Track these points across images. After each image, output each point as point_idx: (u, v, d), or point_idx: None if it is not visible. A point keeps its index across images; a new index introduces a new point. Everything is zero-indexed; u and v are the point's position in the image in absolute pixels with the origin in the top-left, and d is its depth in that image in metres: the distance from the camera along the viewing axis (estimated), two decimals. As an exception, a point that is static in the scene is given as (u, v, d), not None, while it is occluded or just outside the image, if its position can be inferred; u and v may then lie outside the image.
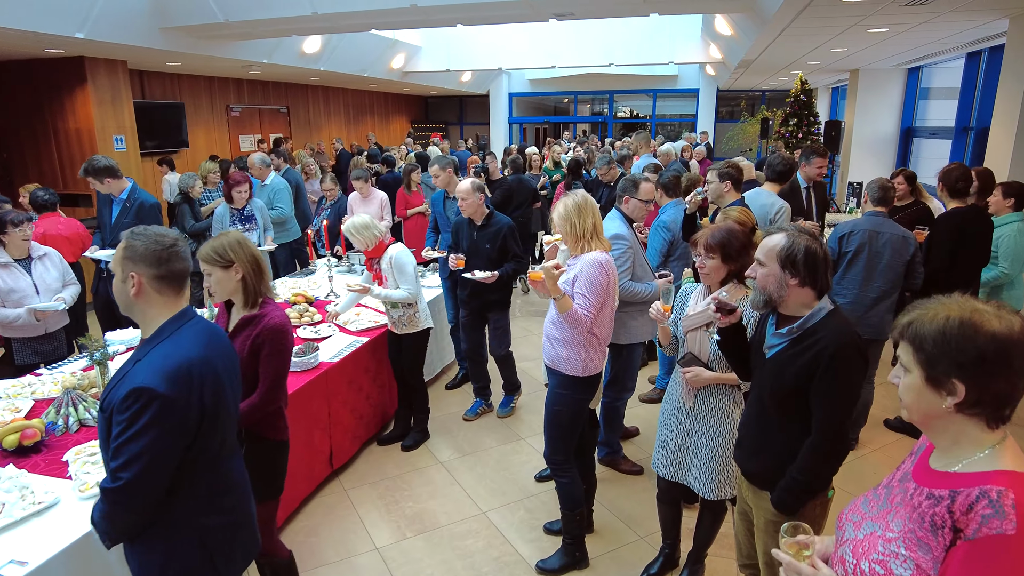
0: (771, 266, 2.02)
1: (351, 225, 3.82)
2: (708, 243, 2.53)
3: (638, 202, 3.64)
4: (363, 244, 3.84)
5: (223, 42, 8.27)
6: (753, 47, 7.99)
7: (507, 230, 4.28)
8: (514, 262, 4.29)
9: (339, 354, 3.90)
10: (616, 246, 3.54)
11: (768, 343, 2.12)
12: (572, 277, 2.85)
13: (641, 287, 3.60)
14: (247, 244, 2.38)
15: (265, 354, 2.32)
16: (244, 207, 5.52)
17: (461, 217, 4.42)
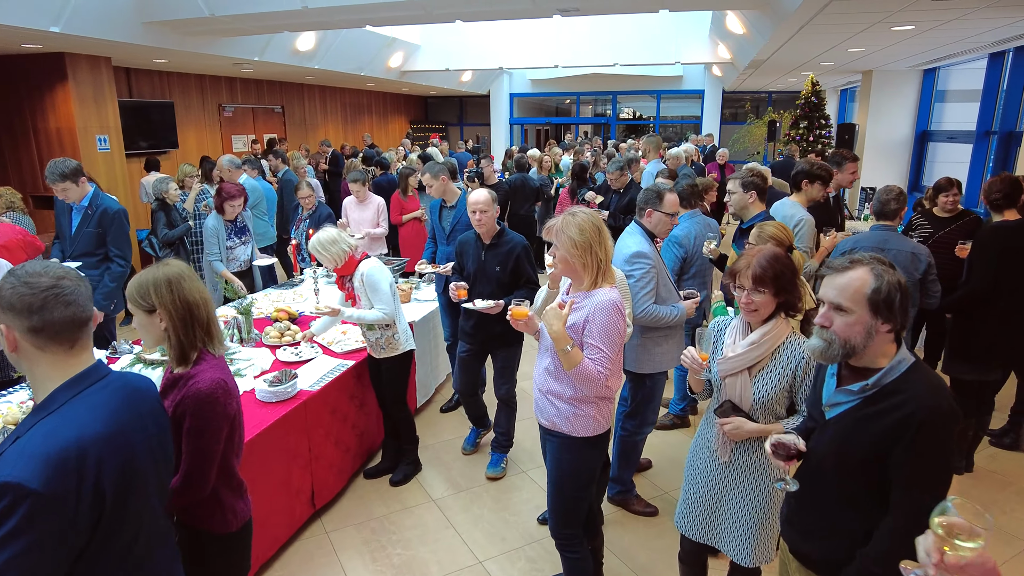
0: (859, 312, 1.64)
1: (316, 242, 3.42)
2: (758, 274, 2.13)
3: (662, 216, 3.26)
4: (331, 261, 3.44)
5: (211, 38, 7.89)
6: (767, 46, 7.61)
7: (521, 250, 3.67)
8: (527, 288, 3.59)
9: (320, 381, 3.51)
10: (637, 265, 3.17)
11: (831, 400, 1.74)
12: (581, 321, 2.34)
13: (666, 311, 3.21)
14: (181, 285, 1.82)
15: (186, 428, 1.78)
16: (237, 219, 5.11)
17: (466, 233, 3.83)
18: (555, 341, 2.27)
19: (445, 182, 4.68)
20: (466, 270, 3.77)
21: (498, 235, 3.69)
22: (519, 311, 2.43)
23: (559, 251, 2.36)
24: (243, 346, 4.03)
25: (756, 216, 3.56)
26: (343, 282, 3.57)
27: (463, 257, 3.80)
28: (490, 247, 3.69)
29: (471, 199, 3.59)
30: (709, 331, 2.23)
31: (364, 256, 3.58)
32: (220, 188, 5.01)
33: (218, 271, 4.92)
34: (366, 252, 3.67)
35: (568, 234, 2.32)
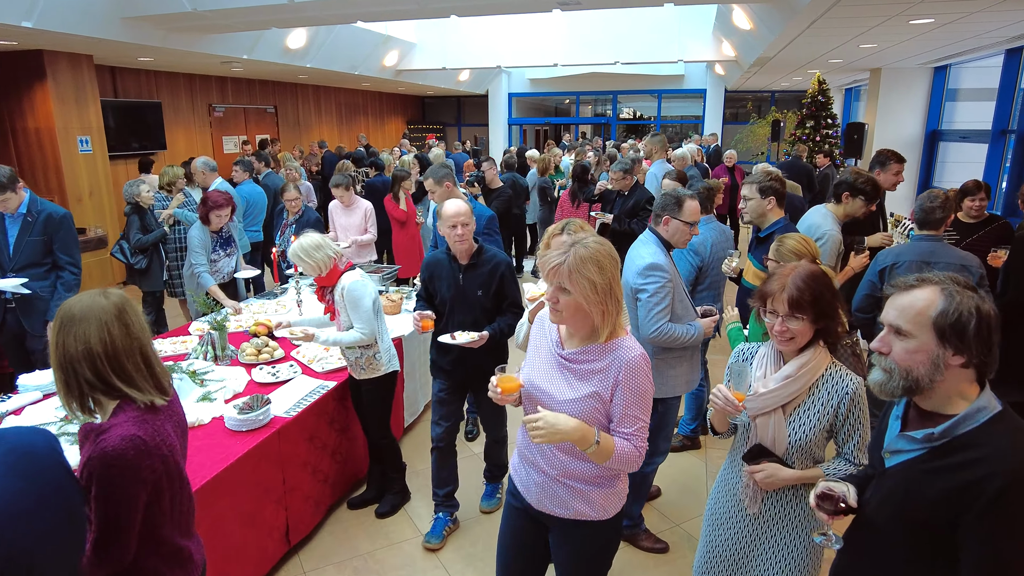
0: (921, 337, 1.36)
1: (298, 247, 3.11)
2: (794, 297, 1.82)
3: (681, 224, 2.94)
4: (314, 269, 3.13)
5: (197, 35, 7.58)
6: (775, 42, 7.30)
7: (505, 269, 3.15)
8: (511, 314, 3.14)
9: (297, 405, 3.19)
10: (652, 279, 2.85)
11: (892, 446, 1.45)
12: (604, 389, 1.81)
13: (682, 330, 2.90)
14: (90, 320, 1.49)
15: (94, 494, 1.45)
16: (222, 229, 4.77)
17: (434, 254, 3.26)
18: (577, 444, 1.78)
19: (450, 188, 4.34)
20: (439, 297, 3.19)
21: (477, 253, 3.13)
22: (510, 384, 1.90)
23: (569, 297, 1.78)
24: (217, 364, 3.71)
25: (775, 224, 3.24)
26: (323, 293, 3.26)
27: (434, 282, 3.19)
28: (469, 268, 3.12)
29: (449, 210, 3.03)
30: (745, 371, 1.90)
31: (349, 267, 3.26)
32: (206, 197, 4.65)
33: (206, 286, 4.58)
34: (351, 262, 3.34)
35: (587, 276, 1.74)
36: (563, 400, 1.84)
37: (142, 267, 5.53)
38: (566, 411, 1.81)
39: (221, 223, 4.68)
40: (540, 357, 1.97)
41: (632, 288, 2.94)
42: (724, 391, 1.87)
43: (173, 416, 1.64)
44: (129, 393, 1.51)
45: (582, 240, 1.83)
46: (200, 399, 3.20)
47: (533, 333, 2.06)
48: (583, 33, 11.98)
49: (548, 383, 1.90)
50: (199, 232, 4.62)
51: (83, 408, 1.53)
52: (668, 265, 2.93)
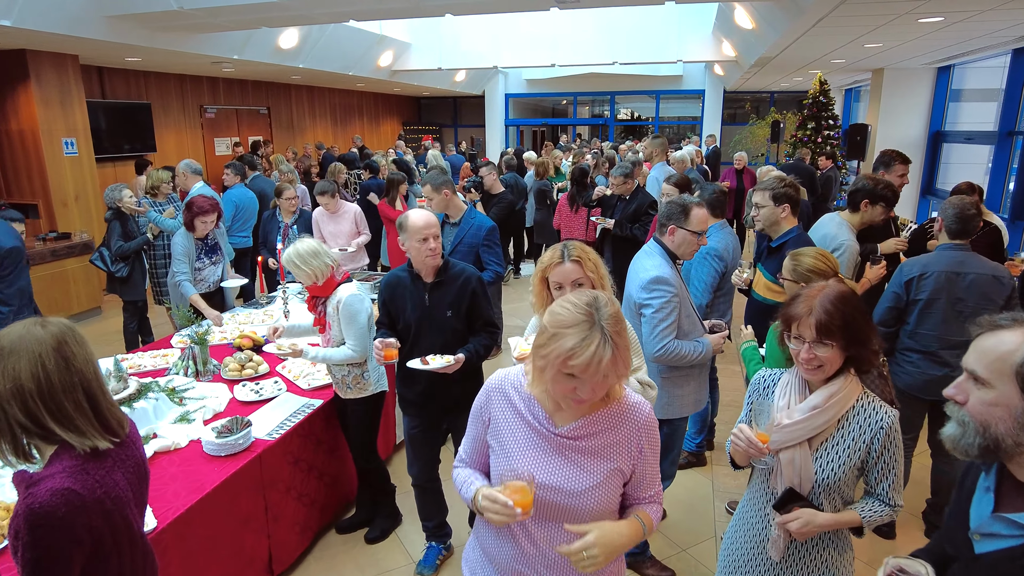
0: (1001, 388, 1.17)
1: (294, 253, 2.92)
2: (823, 323, 1.64)
3: (688, 234, 2.76)
4: (309, 278, 2.94)
5: (184, 34, 7.37)
6: (778, 42, 7.13)
7: (476, 283, 2.82)
8: (486, 334, 2.82)
9: (281, 427, 3.00)
10: (656, 293, 2.67)
11: (985, 526, 1.25)
12: (625, 465, 1.54)
13: (689, 348, 2.72)
14: (21, 353, 1.30)
15: (20, 555, 1.25)
16: (207, 236, 4.56)
17: (393, 273, 2.88)
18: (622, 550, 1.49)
19: (448, 197, 4.14)
20: (402, 320, 2.81)
21: (442, 269, 2.78)
22: (524, 499, 1.40)
23: (588, 389, 1.39)
24: (199, 380, 3.52)
25: (788, 233, 3.06)
26: (315, 303, 3.06)
27: (396, 304, 2.82)
28: (436, 286, 2.77)
29: (416, 222, 2.68)
30: (769, 405, 1.72)
31: (346, 278, 3.07)
32: (191, 202, 4.45)
33: (187, 295, 4.37)
34: (348, 272, 3.15)
35: (605, 358, 1.34)
36: (581, 490, 1.48)
37: (123, 275, 5.32)
38: (588, 504, 1.48)
39: (207, 230, 4.48)
40: (524, 443, 1.53)
41: (636, 303, 2.76)
42: (747, 433, 1.68)
43: (127, 462, 1.44)
44: (66, 438, 1.31)
45: (595, 301, 1.40)
46: (178, 419, 3.01)
47: (496, 411, 1.60)
48: (581, 33, 11.81)
49: (552, 474, 1.49)
50: (183, 239, 4.42)
51: (17, 453, 1.33)
52: (674, 278, 2.75)
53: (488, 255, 3.99)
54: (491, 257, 3.99)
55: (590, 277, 2.10)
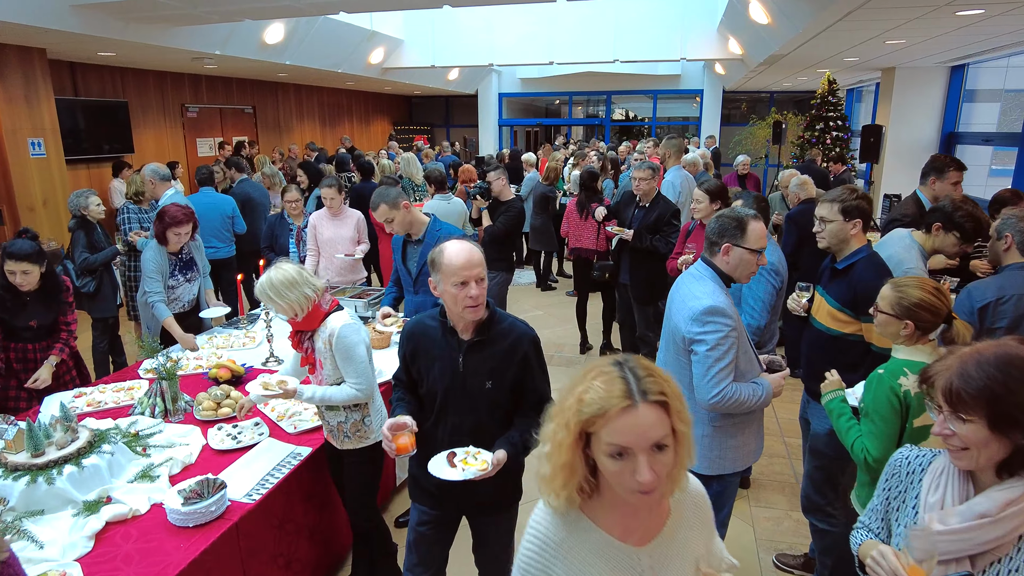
0: None
1: (267, 283, 2.43)
2: (954, 390, 1.23)
3: (745, 253, 2.32)
4: (289, 310, 2.46)
5: (161, 27, 6.85)
6: (795, 38, 6.73)
7: (529, 347, 2.11)
8: (536, 414, 1.92)
9: (263, 484, 2.52)
10: (712, 327, 2.23)
11: None
12: None
13: (748, 392, 2.28)
14: None
15: None
16: (182, 249, 4.08)
17: (420, 319, 2.22)
18: None
19: (408, 210, 3.47)
20: (426, 384, 2.15)
21: (487, 324, 2.09)
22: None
23: None
24: (168, 421, 3.04)
25: (858, 252, 2.62)
26: (300, 340, 2.59)
27: (419, 362, 2.16)
28: (475, 346, 2.08)
29: (455, 259, 1.99)
30: (914, 499, 1.27)
31: (334, 306, 2.60)
32: (163, 212, 3.95)
33: (161, 317, 3.88)
34: (336, 300, 2.67)
35: None
36: None
37: (90, 291, 4.82)
38: None
39: (181, 243, 3.99)
40: None
41: (685, 338, 2.32)
42: (892, 562, 1.23)
43: None
44: None
45: None
46: (139, 476, 2.52)
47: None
48: (580, 30, 11.37)
49: None
50: (154, 254, 3.93)
51: None
52: (731, 308, 2.31)
53: None
54: None
55: (680, 433, 1.17)
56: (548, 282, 8.36)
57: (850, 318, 2.58)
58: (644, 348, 5.17)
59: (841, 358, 2.63)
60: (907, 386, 1.99)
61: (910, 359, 2.05)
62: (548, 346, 6.22)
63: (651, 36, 11.02)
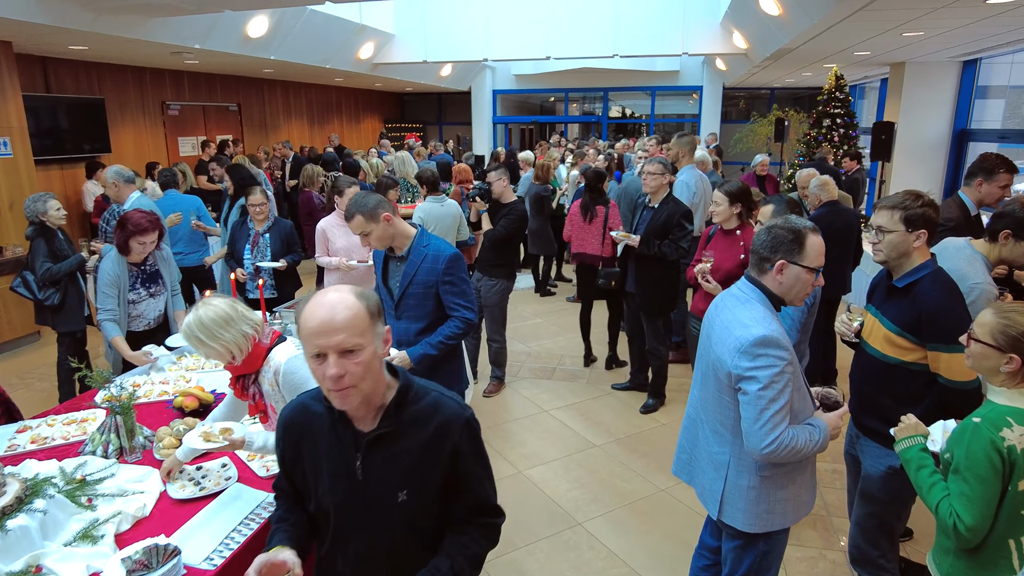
0: None
1: (196, 323, 2.03)
2: None
3: (802, 272, 1.96)
4: (226, 353, 2.08)
5: (135, 18, 6.43)
6: (807, 31, 6.38)
7: (461, 434, 1.51)
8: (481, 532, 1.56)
9: (226, 545, 2.13)
10: (763, 360, 1.87)
11: None
12: None
13: (804, 437, 1.91)
14: None
15: None
16: (145, 261, 3.68)
17: (305, 397, 1.61)
18: None
19: (390, 222, 2.85)
20: (313, 498, 1.57)
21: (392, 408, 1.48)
22: None
23: None
24: (124, 461, 2.64)
25: (921, 268, 2.25)
26: (243, 385, 2.20)
27: (301, 463, 1.57)
28: (378, 441, 1.47)
29: (308, 320, 1.37)
30: None
31: (276, 337, 2.20)
32: (124, 219, 3.55)
33: (109, 336, 3.49)
34: (278, 331, 2.27)
35: None
36: None
37: (55, 303, 4.41)
38: None
39: (145, 252, 3.59)
40: None
41: (732, 374, 1.95)
42: None
43: None
44: None
45: None
46: (79, 537, 2.12)
47: None
48: (578, 23, 10.99)
49: None
50: (112, 264, 3.53)
51: None
52: (785, 337, 1.94)
53: (452, 296, 2.84)
54: (457, 299, 2.84)
55: None
56: (548, 287, 7.99)
57: (913, 344, 2.22)
58: (655, 362, 4.80)
59: (900, 389, 2.28)
60: (1012, 440, 1.63)
61: (1014, 406, 1.68)
62: (548, 357, 5.85)
63: (651, 29, 10.65)
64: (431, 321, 2.86)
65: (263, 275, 4.76)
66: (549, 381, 5.34)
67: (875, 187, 10.27)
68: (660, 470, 3.97)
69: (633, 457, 4.13)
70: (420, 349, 2.80)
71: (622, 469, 3.99)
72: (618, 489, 3.78)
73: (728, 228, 3.67)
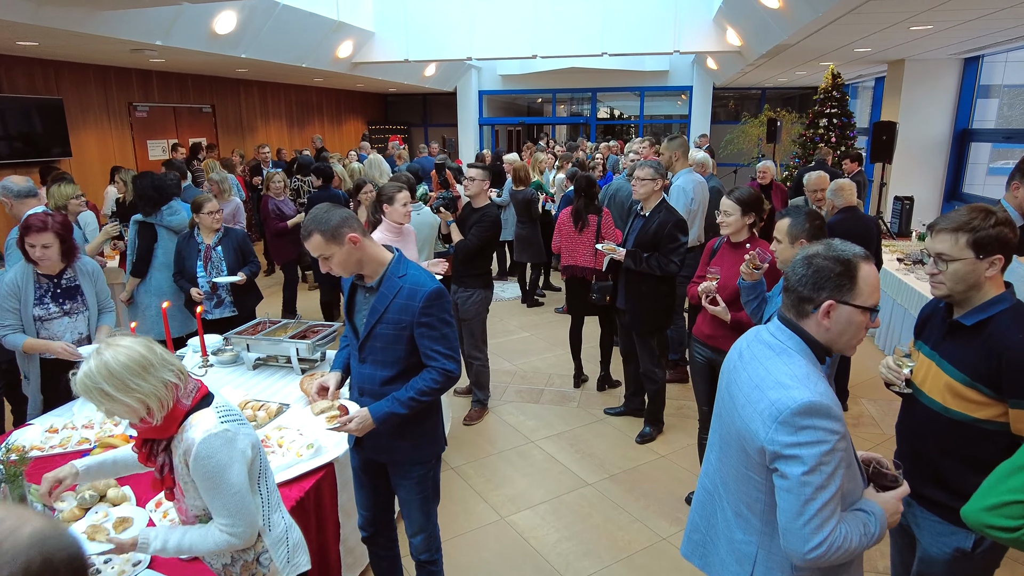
0: None
1: (103, 371, 1.54)
2: None
3: (856, 313, 1.51)
4: (139, 409, 1.59)
5: (83, 10, 5.90)
6: (813, 23, 5.97)
7: None
8: None
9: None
10: (812, 434, 1.44)
11: None
12: None
13: (857, 534, 1.48)
14: None
15: None
16: (62, 273, 3.22)
17: None
18: None
19: (357, 245, 2.22)
20: None
21: None
22: None
23: None
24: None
25: (996, 303, 1.81)
26: (149, 451, 1.72)
27: None
28: None
29: None
30: None
31: (201, 397, 1.72)
32: (27, 221, 3.12)
33: (17, 345, 3.09)
34: (205, 387, 1.78)
35: None
36: None
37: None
38: None
39: (45, 260, 3.11)
40: None
41: (765, 450, 1.49)
42: None
43: None
44: None
45: None
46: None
47: None
48: (564, 21, 10.54)
49: None
50: (13, 274, 3.12)
51: None
52: (836, 400, 1.49)
53: (430, 342, 2.26)
54: (436, 346, 2.26)
55: None
56: (535, 297, 7.54)
57: (987, 398, 1.79)
58: (650, 386, 4.36)
59: (969, 452, 1.85)
60: None
61: None
62: (536, 377, 5.39)
63: (641, 27, 10.22)
64: (402, 369, 2.28)
65: (221, 291, 4.32)
66: (536, 405, 4.89)
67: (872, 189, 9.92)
68: (660, 514, 3.53)
69: (630, 498, 3.68)
70: (386, 406, 2.24)
71: (618, 513, 3.54)
72: (613, 538, 3.34)
73: (737, 241, 3.24)
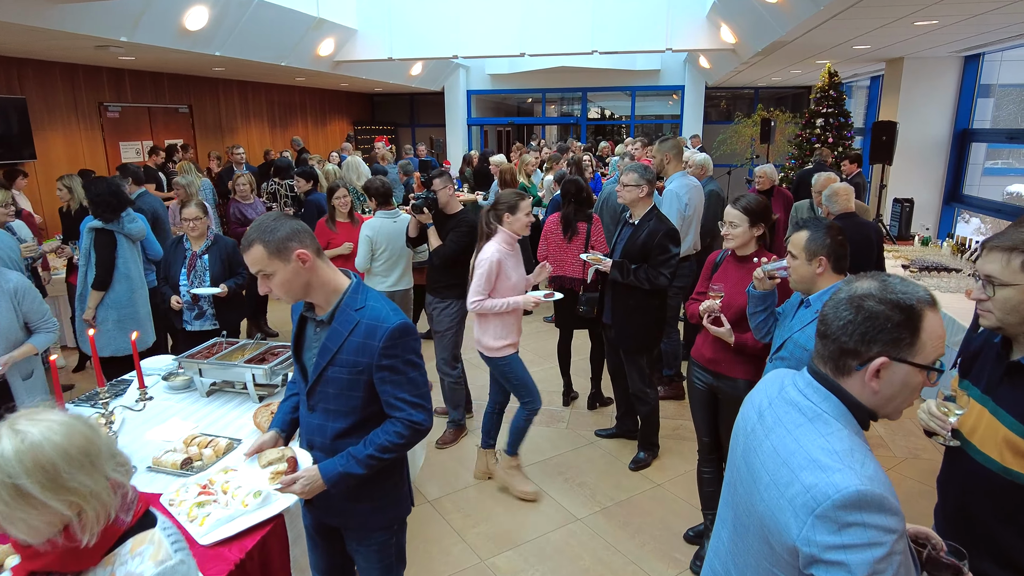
0: None
1: (16, 457, 1.09)
2: None
3: (912, 372, 1.19)
4: (45, 525, 1.13)
5: (38, 5, 5.53)
6: (814, 17, 5.67)
7: None
8: None
9: None
10: (863, 534, 1.11)
11: None
12: None
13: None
14: None
15: None
16: None
17: None
18: None
19: (306, 265, 1.84)
20: None
21: None
22: None
23: None
24: None
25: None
26: None
27: None
28: None
29: None
30: None
31: (141, 514, 1.30)
32: None
33: None
34: (146, 499, 1.38)
35: None
36: None
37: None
38: None
39: None
40: None
41: (799, 551, 1.16)
42: None
43: None
44: None
45: None
46: None
47: None
48: (554, 18, 10.22)
49: None
50: None
51: None
52: (890, 488, 1.16)
53: (393, 388, 1.89)
54: (400, 393, 1.89)
55: None
56: (522, 306, 7.21)
57: (1055, 456, 1.47)
58: (642, 408, 4.04)
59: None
60: None
61: None
62: (523, 395, 5.05)
63: (633, 24, 9.91)
64: (359, 420, 1.92)
65: (203, 302, 4.03)
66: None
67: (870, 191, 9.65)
68: (656, 554, 3.21)
69: (623, 536, 3.35)
70: (339, 465, 1.88)
71: (610, 554, 3.22)
72: (606, 584, 3.01)
73: (743, 255, 2.92)
